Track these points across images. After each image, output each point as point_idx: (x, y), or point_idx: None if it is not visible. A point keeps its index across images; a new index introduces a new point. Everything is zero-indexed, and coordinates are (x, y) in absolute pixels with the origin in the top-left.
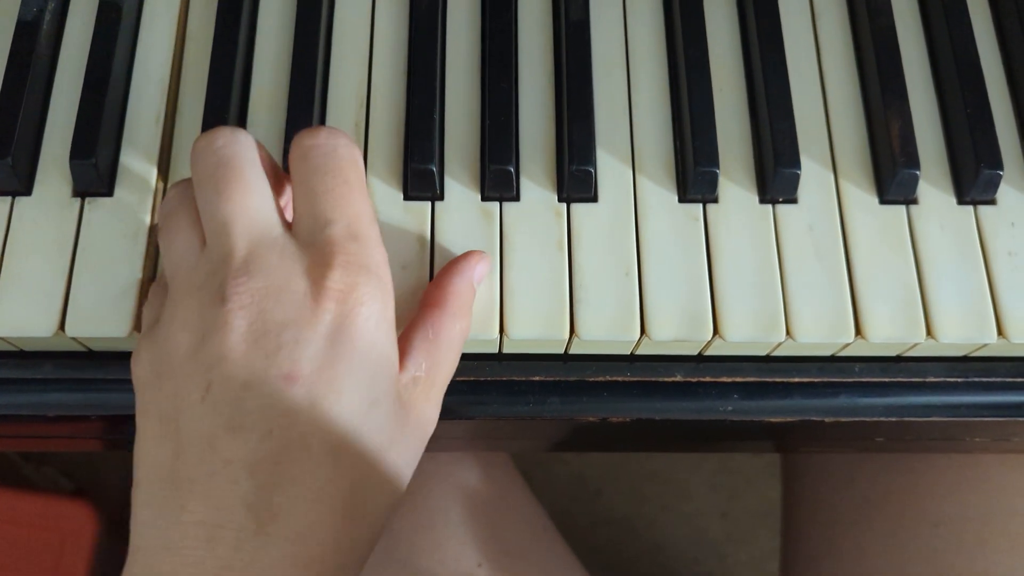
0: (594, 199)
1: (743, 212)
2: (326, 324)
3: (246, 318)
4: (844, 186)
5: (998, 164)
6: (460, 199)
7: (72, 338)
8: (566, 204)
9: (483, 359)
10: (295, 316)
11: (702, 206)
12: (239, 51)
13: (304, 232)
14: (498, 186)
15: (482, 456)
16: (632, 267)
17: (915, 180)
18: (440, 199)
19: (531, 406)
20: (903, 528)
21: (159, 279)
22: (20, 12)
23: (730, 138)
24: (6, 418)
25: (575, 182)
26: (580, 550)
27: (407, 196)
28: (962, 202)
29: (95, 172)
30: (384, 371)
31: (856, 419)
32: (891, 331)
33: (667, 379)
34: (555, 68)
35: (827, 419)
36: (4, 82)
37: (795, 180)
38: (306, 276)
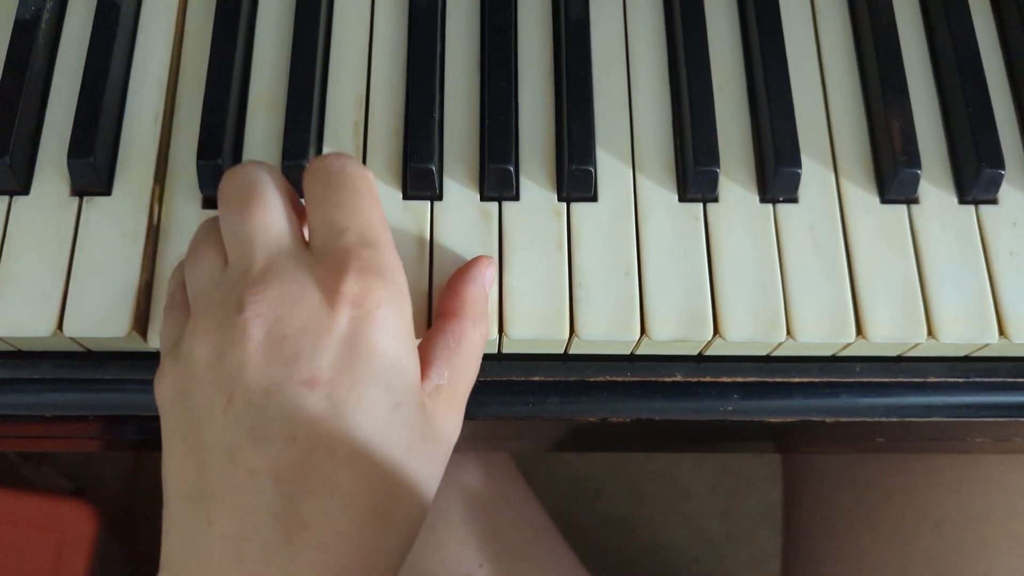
0: (594, 198)
1: (743, 211)
2: (343, 329)
3: (263, 326)
4: (845, 185)
5: (1000, 163)
6: (459, 198)
7: (70, 338)
8: (566, 203)
9: (483, 359)
10: (312, 322)
11: (702, 205)
12: (238, 50)
13: (319, 242)
14: (497, 185)
15: (483, 456)
16: (632, 267)
17: (916, 179)
18: (439, 199)
19: (531, 406)
20: (904, 528)
21: (171, 300)
22: (18, 11)
23: (730, 137)
24: (4, 418)
25: (575, 181)
26: (580, 550)
27: (406, 196)
28: (963, 201)
29: (93, 171)
30: (403, 374)
31: (857, 419)
32: (892, 331)
33: (667, 379)
34: (555, 67)
35: (828, 419)
36: (2, 81)
37: (796, 179)
38: (322, 283)
